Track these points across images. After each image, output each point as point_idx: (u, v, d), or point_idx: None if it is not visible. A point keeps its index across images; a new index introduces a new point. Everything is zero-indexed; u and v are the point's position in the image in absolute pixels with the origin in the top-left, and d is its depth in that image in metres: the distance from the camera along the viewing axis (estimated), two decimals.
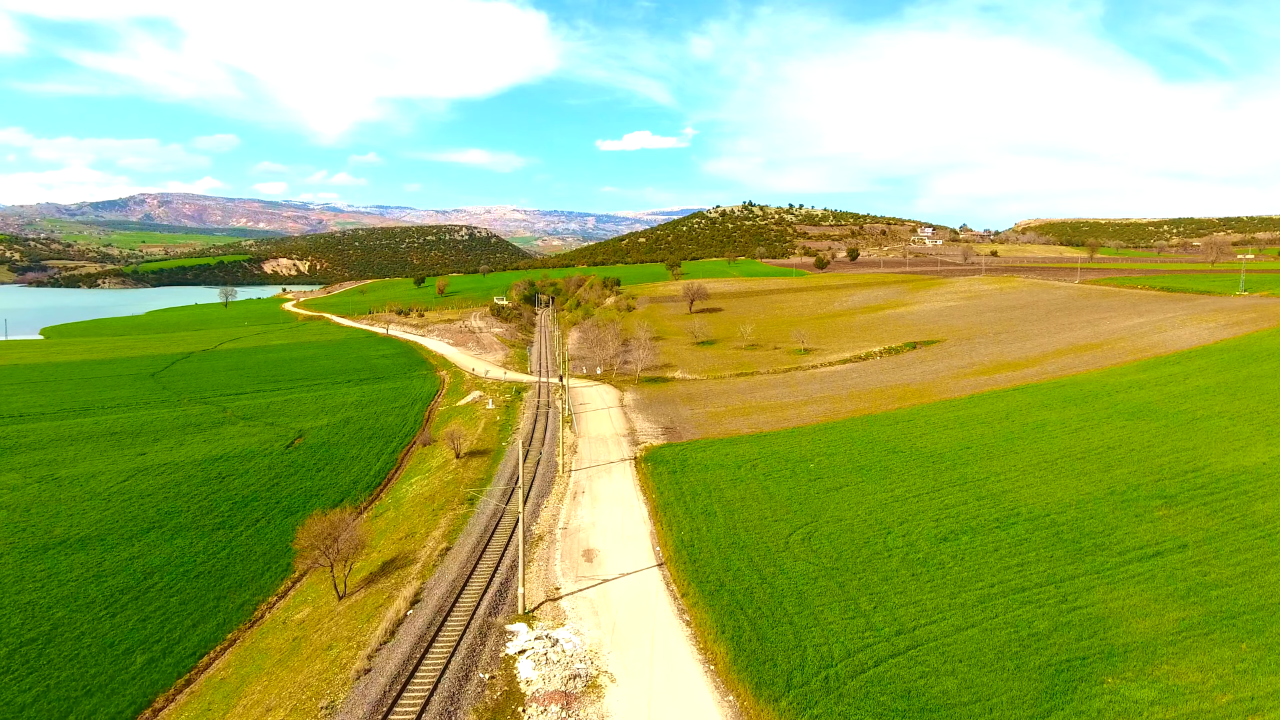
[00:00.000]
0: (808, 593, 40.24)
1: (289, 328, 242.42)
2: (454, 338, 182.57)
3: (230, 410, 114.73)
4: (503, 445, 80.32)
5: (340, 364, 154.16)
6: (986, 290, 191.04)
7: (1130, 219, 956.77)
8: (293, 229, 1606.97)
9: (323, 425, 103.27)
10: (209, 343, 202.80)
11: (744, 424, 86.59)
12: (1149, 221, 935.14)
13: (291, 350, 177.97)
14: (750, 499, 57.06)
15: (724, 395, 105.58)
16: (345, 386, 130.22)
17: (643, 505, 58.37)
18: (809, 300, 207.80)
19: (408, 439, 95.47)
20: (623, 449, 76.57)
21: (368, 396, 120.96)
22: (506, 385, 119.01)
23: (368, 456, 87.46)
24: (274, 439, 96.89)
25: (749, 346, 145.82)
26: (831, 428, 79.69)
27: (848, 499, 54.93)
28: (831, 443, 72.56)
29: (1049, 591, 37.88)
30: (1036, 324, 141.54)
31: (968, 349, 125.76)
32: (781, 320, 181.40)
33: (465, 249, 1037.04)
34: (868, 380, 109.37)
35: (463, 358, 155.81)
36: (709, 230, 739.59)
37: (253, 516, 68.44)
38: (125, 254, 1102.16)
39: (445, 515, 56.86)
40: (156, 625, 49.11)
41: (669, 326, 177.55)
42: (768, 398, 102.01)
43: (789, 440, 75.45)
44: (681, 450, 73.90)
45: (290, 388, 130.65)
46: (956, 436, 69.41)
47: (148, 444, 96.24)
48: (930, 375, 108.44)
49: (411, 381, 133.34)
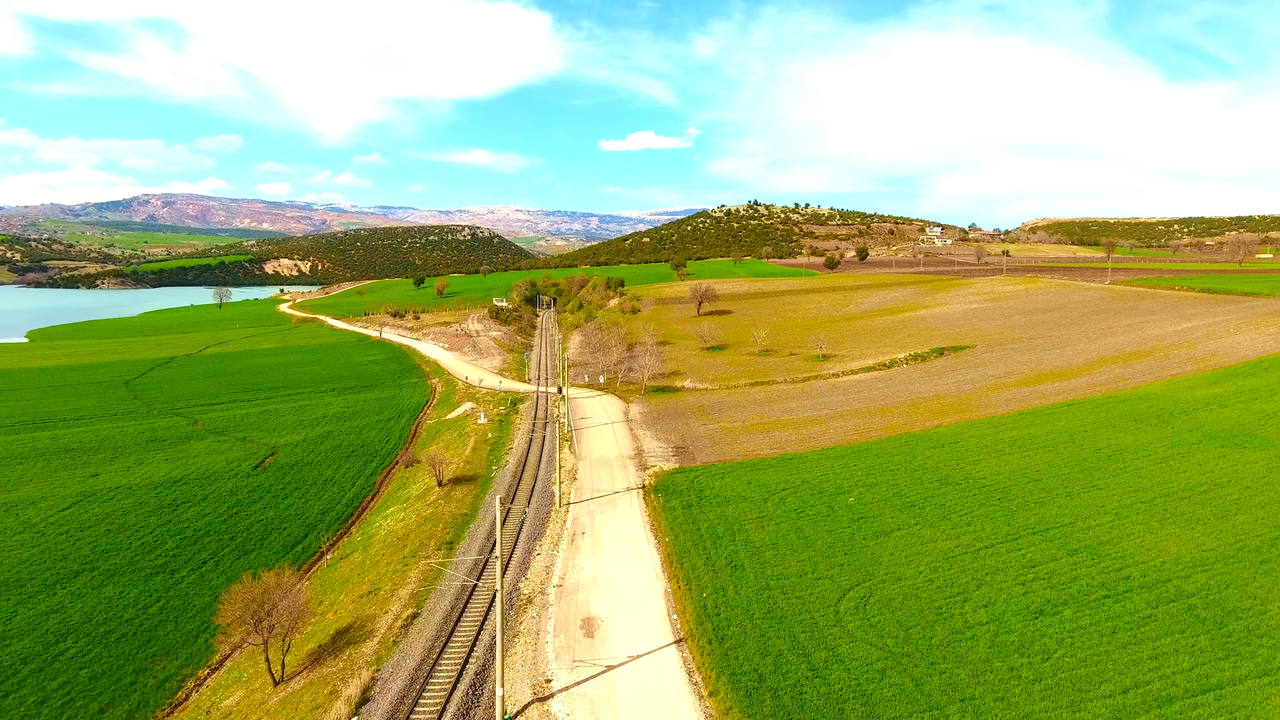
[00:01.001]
0: (875, 695, 30.62)
1: (280, 330, 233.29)
2: (449, 342, 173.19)
3: (201, 423, 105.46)
4: (492, 470, 70.81)
5: (327, 370, 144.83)
6: (1011, 291, 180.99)
7: (1139, 218, 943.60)
8: (296, 229, 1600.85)
9: (299, 441, 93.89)
10: (195, 346, 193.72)
11: (765, 443, 76.99)
12: (1159, 221, 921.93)
13: (278, 355, 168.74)
14: (783, 545, 47.47)
15: (739, 408, 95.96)
16: (329, 396, 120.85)
17: (654, 551, 48.80)
18: (823, 302, 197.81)
19: (389, 458, 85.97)
20: (629, 475, 67.00)
21: (352, 407, 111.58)
22: (502, 396, 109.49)
23: (342, 480, 77.98)
24: (243, 457, 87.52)
25: (762, 352, 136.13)
26: (866, 450, 70.03)
27: (904, 548, 45.27)
28: (870, 469, 62.89)
29: (1208, 705, 28.17)
30: (1073, 328, 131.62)
31: (1002, 356, 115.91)
32: (795, 323, 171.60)
33: (468, 249, 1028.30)
34: (897, 391, 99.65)
35: (457, 364, 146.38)
36: (714, 230, 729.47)
37: (200, 557, 58.98)
38: (127, 254, 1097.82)
39: (416, 565, 47.36)
40: (54, 713, 39.66)
41: (676, 330, 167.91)
42: (788, 411, 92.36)
43: (819, 465, 65.82)
44: (696, 477, 64.33)
45: (270, 397, 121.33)
46: (1018, 464, 59.65)
47: (104, 463, 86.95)
48: (966, 386, 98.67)
49: (400, 391, 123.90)
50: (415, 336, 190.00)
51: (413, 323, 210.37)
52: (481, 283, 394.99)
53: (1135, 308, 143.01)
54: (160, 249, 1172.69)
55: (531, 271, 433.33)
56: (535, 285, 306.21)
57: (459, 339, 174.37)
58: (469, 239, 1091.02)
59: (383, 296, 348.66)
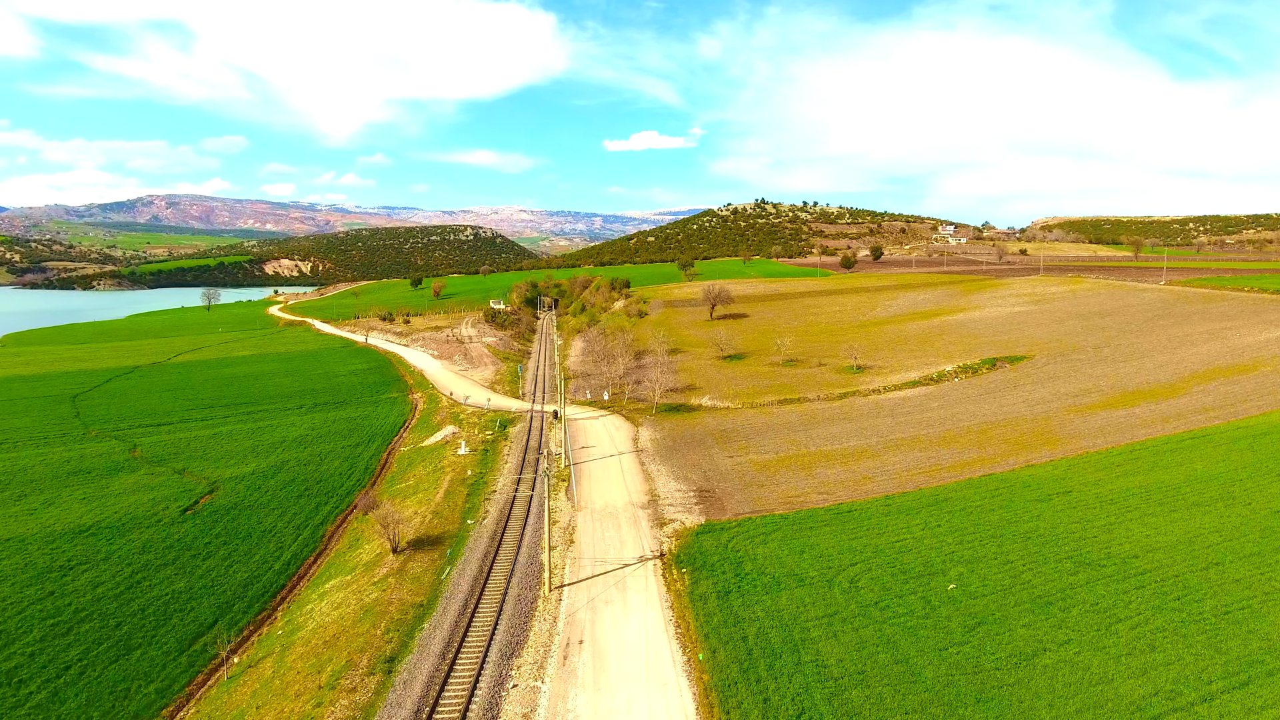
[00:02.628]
0: None
1: (262, 335, 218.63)
2: (439, 348, 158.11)
3: (141, 449, 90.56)
4: (467, 525, 55.51)
5: (299, 382, 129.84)
6: (1056, 292, 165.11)
7: (1152, 217, 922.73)
8: (300, 230, 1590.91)
9: (246, 474, 78.84)
10: (167, 353, 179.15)
11: (809, 485, 61.68)
12: (1173, 219, 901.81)
13: (251, 364, 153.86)
14: (874, 673, 32.17)
15: (770, 433, 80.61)
16: (295, 414, 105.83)
17: (684, 679, 33.53)
18: (847, 304, 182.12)
19: (348, 499, 70.80)
20: (642, 534, 51.72)
21: (317, 429, 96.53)
22: (490, 417, 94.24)
23: (284, 532, 62.82)
24: (174, 496, 72.48)
25: (787, 362, 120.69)
26: (944, 499, 54.62)
27: (1065, 691, 29.86)
28: (960, 533, 47.48)
29: None
30: (1141, 335, 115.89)
31: (1069, 368, 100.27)
32: (820, 329, 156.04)
33: (470, 249, 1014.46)
34: (955, 413, 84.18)
35: (444, 374, 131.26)
36: (720, 229, 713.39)
37: (64, 659, 43.83)
38: (129, 255, 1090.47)
39: (336, 704, 32.08)
40: None
41: (688, 336, 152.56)
42: (830, 439, 76.97)
43: (888, 523, 50.45)
44: (731, 539, 49.06)
45: (228, 415, 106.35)
46: (1172, 531, 44.16)
47: (8, 504, 72.02)
48: (1038, 406, 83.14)
49: (376, 408, 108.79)
50: (403, 342, 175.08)
51: (402, 327, 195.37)
52: (481, 283, 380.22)
53: (1206, 311, 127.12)
54: (162, 250, 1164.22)
55: (533, 272, 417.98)
56: (536, 286, 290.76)
57: (449, 346, 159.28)
58: (472, 239, 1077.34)
59: (378, 298, 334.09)
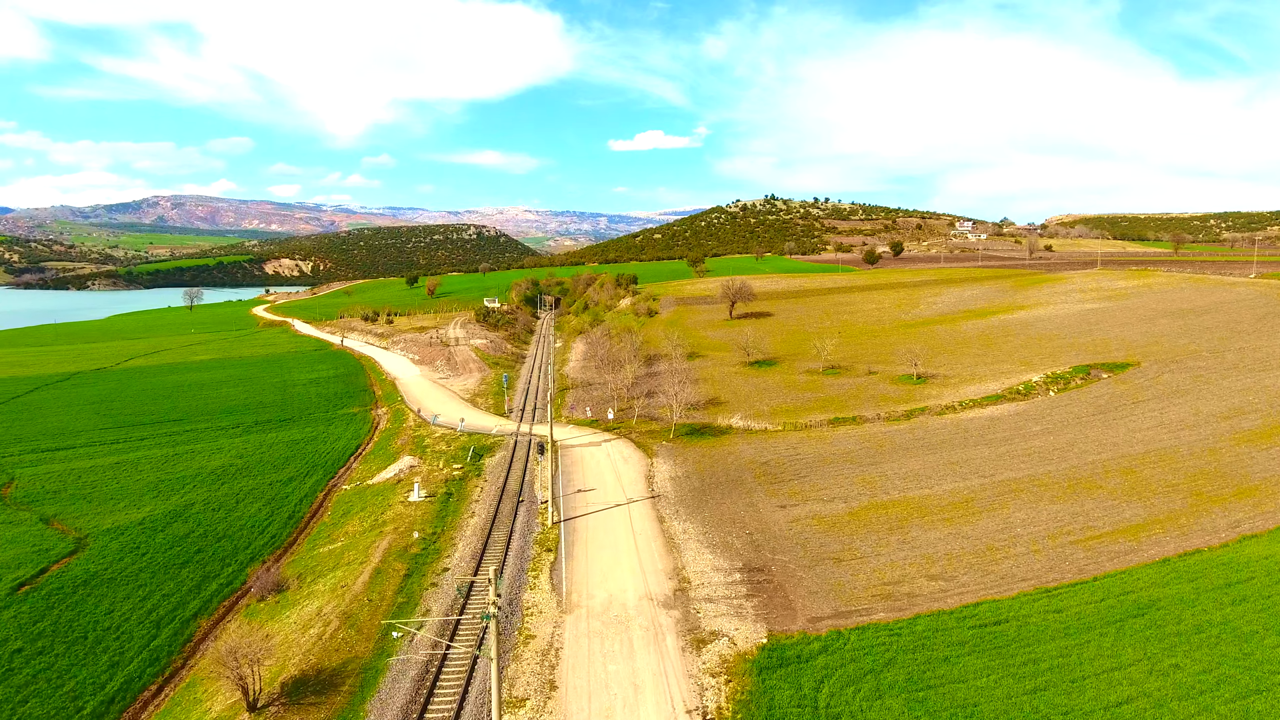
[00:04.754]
0: None
1: (234, 337, 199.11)
2: (420, 352, 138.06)
3: (18, 482, 70.94)
4: (388, 648, 35.10)
5: (248, 393, 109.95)
6: (1126, 287, 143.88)
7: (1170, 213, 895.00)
8: (305, 230, 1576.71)
9: (130, 525, 58.86)
10: (120, 357, 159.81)
11: (910, 560, 41.33)
12: (1193, 215, 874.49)
13: (204, 371, 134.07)
14: None
15: (828, 468, 60.18)
16: (227, 436, 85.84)
17: None
18: (884, 301, 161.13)
19: (244, 571, 50.60)
20: (668, 672, 31.41)
21: (247, 457, 76.49)
22: (463, 443, 73.93)
23: (134, 633, 42.68)
24: (20, 559, 52.60)
25: (828, 369, 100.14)
26: (1148, 607, 34.18)
27: None
28: (1228, 682, 27.00)
29: None
30: (1261, 336, 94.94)
31: (1194, 379, 79.36)
32: (858, 329, 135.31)
33: (473, 248, 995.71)
34: (1069, 441, 63.58)
35: (420, 384, 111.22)
36: (729, 226, 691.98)
37: None
38: (130, 256, 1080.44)
39: None
40: None
41: (706, 338, 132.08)
42: (913, 477, 56.51)
43: (1076, 656, 30.09)
44: (821, 688, 28.86)
45: (146, 437, 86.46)
46: None
47: None
48: (1186, 433, 62.45)
49: (329, 428, 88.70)
50: (383, 345, 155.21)
51: (384, 328, 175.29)
52: (480, 281, 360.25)
53: None
54: (165, 250, 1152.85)
55: (534, 270, 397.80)
56: (537, 284, 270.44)
57: (432, 349, 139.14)
58: (475, 238, 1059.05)
59: (371, 297, 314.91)
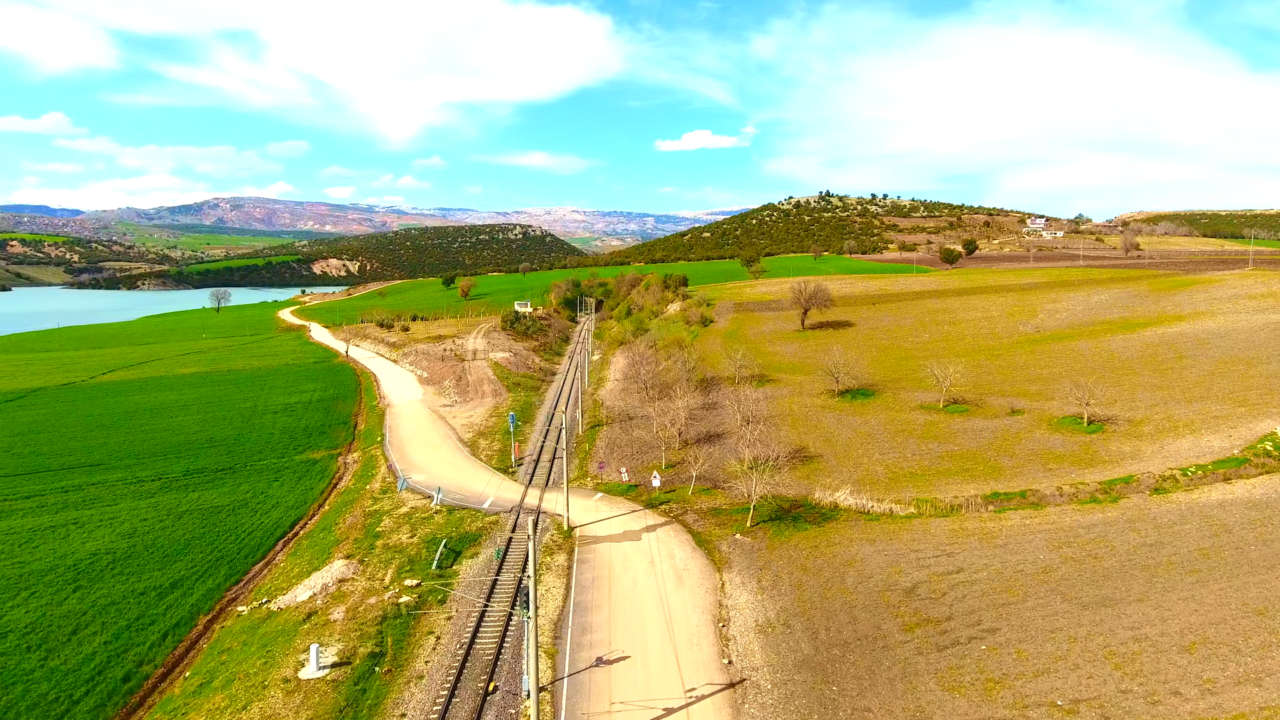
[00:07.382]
0: None
1: (238, 344, 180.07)
2: (430, 367, 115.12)
3: None
4: None
5: (205, 424, 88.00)
6: None
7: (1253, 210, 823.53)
8: (357, 230, 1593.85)
9: None
10: (98, 369, 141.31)
11: None
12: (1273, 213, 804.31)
13: (173, 390, 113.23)
14: None
15: (1026, 607, 34.00)
16: (135, 496, 63.31)
17: None
18: (990, 309, 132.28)
19: None
20: None
21: (140, 536, 53.64)
22: (432, 532, 49.60)
23: None
24: None
25: (951, 405, 73.28)
26: None
27: None
28: None
29: None
30: None
31: None
32: (968, 345, 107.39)
33: (519, 248, 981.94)
34: None
35: (416, 414, 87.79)
36: (782, 223, 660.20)
37: None
38: (186, 256, 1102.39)
39: None
40: None
41: (775, 355, 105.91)
42: (1179, 640, 30.01)
43: None
44: None
45: (35, 494, 64.57)
46: None
47: None
48: None
49: (275, 485, 65.49)
50: (391, 357, 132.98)
51: (397, 336, 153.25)
52: (519, 282, 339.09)
53: None
54: (220, 250, 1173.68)
55: (576, 270, 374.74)
56: (578, 285, 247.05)
57: (444, 365, 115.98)
58: (521, 238, 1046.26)
59: (405, 299, 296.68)
